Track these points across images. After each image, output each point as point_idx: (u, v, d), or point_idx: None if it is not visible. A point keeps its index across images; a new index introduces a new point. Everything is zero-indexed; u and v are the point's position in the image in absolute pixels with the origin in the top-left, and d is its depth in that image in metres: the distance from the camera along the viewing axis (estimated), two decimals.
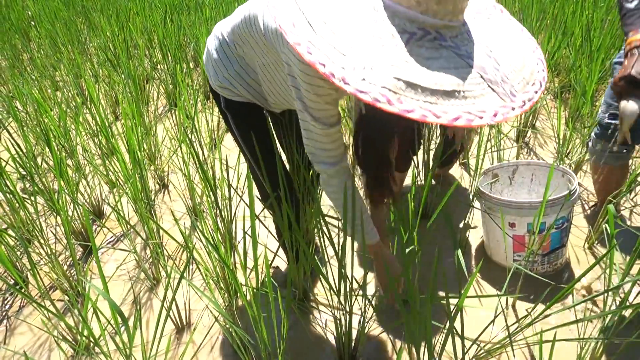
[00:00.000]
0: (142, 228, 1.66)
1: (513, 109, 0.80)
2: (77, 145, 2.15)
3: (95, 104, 2.13)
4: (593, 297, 1.05)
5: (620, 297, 1.38)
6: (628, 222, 1.79)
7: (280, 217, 1.20)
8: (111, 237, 1.99)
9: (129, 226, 1.92)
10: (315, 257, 1.35)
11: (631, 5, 1.31)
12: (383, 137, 1.24)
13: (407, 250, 1.09)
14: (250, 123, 1.27)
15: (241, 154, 1.34)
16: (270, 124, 1.32)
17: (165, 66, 3.29)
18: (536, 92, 0.86)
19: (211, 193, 1.47)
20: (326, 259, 1.28)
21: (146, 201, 1.78)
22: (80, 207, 1.84)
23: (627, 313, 1.32)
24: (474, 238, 1.79)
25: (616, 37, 2.57)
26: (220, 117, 2.96)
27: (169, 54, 3.33)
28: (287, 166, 1.44)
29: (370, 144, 1.24)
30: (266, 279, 1.30)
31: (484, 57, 0.82)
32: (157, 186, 2.31)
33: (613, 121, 1.55)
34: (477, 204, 1.64)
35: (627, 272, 1.10)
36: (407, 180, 2.10)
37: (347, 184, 1.11)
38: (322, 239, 1.21)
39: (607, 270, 1.49)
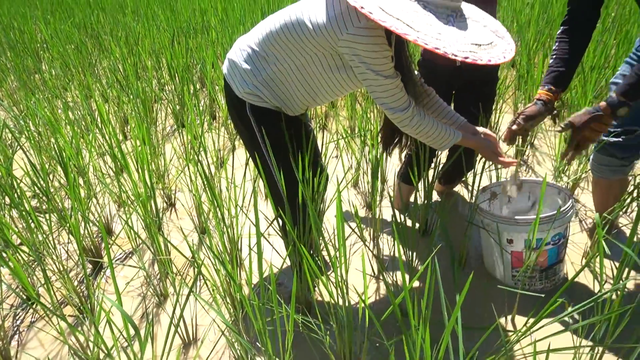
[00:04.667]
0: (151, 244, 1.72)
1: (512, 50, 1.22)
2: (89, 165, 2.22)
3: (106, 123, 2.21)
4: (582, 307, 1.09)
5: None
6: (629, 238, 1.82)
7: (285, 238, 1.26)
8: (120, 254, 2.05)
9: (139, 241, 1.98)
10: (321, 269, 1.40)
11: (551, 61, 1.50)
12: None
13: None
14: (270, 124, 1.44)
15: (258, 159, 1.49)
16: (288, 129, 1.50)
17: (173, 87, 3.38)
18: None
19: (218, 211, 1.53)
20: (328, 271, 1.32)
21: (155, 218, 1.83)
22: (92, 225, 1.90)
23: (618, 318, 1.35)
24: (476, 254, 1.83)
25: (609, 57, 2.64)
26: (226, 135, 3.03)
27: (177, 76, 3.43)
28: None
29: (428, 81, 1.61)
30: (271, 295, 1.35)
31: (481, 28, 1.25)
32: (165, 205, 2.37)
33: (607, 137, 1.61)
34: (477, 220, 1.69)
35: (617, 281, 1.14)
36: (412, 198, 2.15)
37: (423, 115, 1.39)
38: (326, 248, 1.25)
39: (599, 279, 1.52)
